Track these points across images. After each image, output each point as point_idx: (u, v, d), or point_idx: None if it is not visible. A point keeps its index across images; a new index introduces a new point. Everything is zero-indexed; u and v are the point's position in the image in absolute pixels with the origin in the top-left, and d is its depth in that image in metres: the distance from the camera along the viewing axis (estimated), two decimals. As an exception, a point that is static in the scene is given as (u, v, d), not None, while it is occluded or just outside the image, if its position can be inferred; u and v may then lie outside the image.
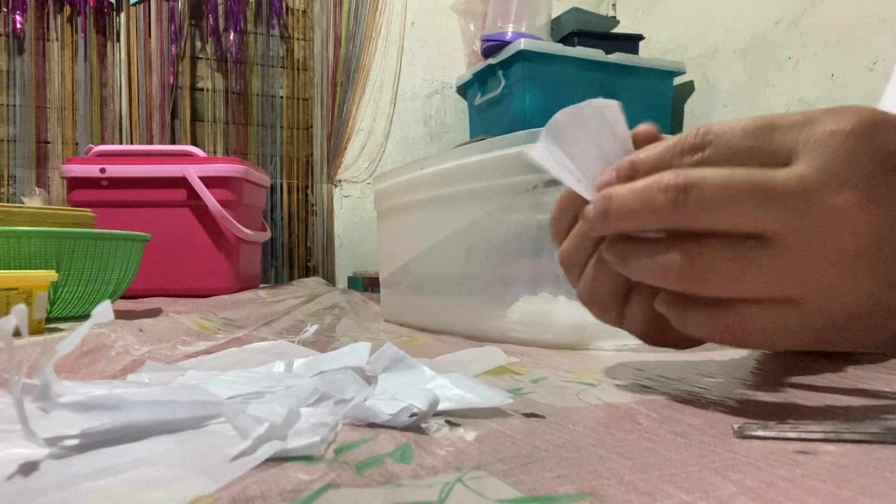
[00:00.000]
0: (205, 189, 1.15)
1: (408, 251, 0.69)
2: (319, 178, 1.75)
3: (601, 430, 0.25)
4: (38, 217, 0.81)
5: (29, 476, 0.19)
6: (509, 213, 0.55)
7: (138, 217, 1.16)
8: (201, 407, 0.25)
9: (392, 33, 1.82)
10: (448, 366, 0.36)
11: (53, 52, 1.54)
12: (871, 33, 1.18)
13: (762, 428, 0.23)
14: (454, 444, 0.23)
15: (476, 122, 1.78)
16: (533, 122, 1.49)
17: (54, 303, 0.70)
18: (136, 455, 0.21)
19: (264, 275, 1.59)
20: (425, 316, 0.66)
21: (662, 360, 0.43)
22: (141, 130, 1.59)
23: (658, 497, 0.18)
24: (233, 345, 0.48)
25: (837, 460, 0.21)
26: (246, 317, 0.73)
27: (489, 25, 1.62)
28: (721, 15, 1.55)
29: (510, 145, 0.53)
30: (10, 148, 1.50)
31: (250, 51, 1.69)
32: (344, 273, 1.76)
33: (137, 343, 0.46)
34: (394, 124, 1.83)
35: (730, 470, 0.20)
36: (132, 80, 1.59)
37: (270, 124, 1.72)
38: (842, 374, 0.37)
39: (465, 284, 0.60)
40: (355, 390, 0.29)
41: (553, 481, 0.19)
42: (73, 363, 0.39)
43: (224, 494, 0.18)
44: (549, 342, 0.51)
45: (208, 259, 1.19)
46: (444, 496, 0.18)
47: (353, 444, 0.23)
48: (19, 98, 1.51)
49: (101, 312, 0.23)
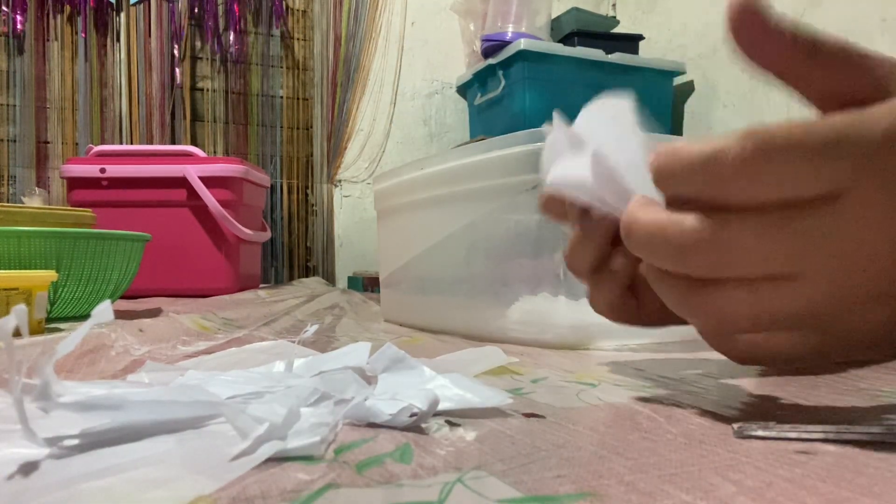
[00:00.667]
0: (205, 189, 1.15)
1: (408, 251, 0.69)
2: (319, 178, 1.75)
3: (601, 430, 0.25)
4: (38, 217, 0.81)
5: (29, 476, 0.19)
6: (509, 213, 0.55)
7: (138, 217, 1.16)
8: (201, 407, 0.25)
9: (392, 33, 1.82)
10: (448, 366, 0.36)
11: (53, 52, 1.54)
12: (872, 33, 1.18)
13: (762, 428, 0.23)
14: (454, 444, 0.23)
15: (476, 122, 1.78)
16: (533, 121, 1.49)
17: (54, 303, 0.70)
18: (136, 455, 0.21)
19: (264, 275, 1.59)
20: (425, 316, 0.66)
21: (662, 360, 0.43)
22: (141, 130, 1.59)
23: (658, 497, 0.18)
24: (233, 345, 0.48)
25: (837, 460, 0.21)
26: (246, 317, 0.73)
27: (489, 25, 1.62)
28: (721, 15, 1.54)
29: (510, 145, 0.53)
30: (10, 148, 1.50)
31: (250, 51, 1.69)
32: (344, 273, 1.76)
33: (137, 343, 0.46)
34: (394, 124, 1.83)
35: (730, 470, 0.20)
36: (132, 80, 1.59)
37: (270, 124, 1.72)
38: (842, 374, 0.37)
39: (465, 284, 0.60)
40: (355, 390, 0.29)
41: (553, 481, 0.19)
42: (73, 363, 0.39)
43: (224, 494, 0.18)
44: (549, 342, 0.51)
45: (208, 259, 1.19)
46: (444, 496, 0.18)
47: (353, 444, 0.23)
48: (19, 98, 1.51)
49: (100, 312, 0.23)
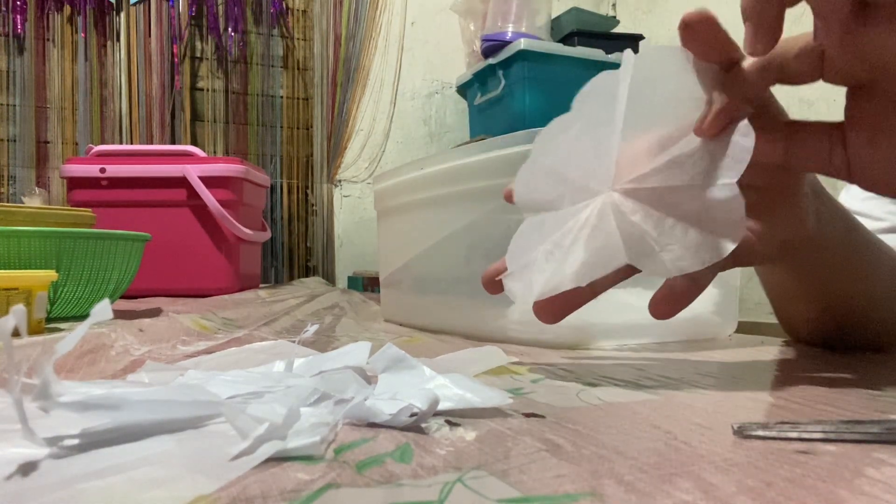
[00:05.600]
0: (205, 189, 1.15)
1: (408, 251, 0.69)
2: (319, 178, 1.75)
3: (601, 430, 0.25)
4: (38, 217, 0.81)
5: (29, 476, 0.19)
6: (509, 213, 0.55)
7: (138, 217, 1.16)
8: (201, 407, 0.25)
9: (392, 33, 1.82)
10: (448, 366, 0.36)
11: (53, 52, 1.54)
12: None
13: (762, 428, 0.23)
14: (454, 443, 0.23)
15: (476, 122, 1.78)
16: (533, 121, 1.49)
17: (54, 303, 0.70)
18: (136, 455, 0.21)
19: (264, 275, 1.59)
20: (425, 316, 0.66)
21: (662, 360, 0.43)
22: (141, 130, 1.59)
23: (658, 497, 0.18)
24: (233, 345, 0.48)
25: (837, 460, 0.21)
26: (246, 317, 0.73)
27: (489, 25, 1.62)
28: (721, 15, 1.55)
29: (510, 145, 0.53)
30: (10, 148, 1.50)
31: (250, 51, 1.69)
32: (344, 273, 1.76)
33: (137, 343, 0.46)
34: (394, 124, 1.83)
35: (730, 470, 0.20)
36: (132, 80, 1.59)
37: (270, 124, 1.72)
38: (842, 374, 0.37)
39: (465, 284, 0.60)
40: (355, 390, 0.29)
41: (553, 481, 0.19)
42: (73, 363, 0.39)
43: (224, 494, 0.18)
44: (549, 342, 0.51)
45: (208, 259, 1.19)
46: (444, 496, 0.18)
47: (353, 444, 0.23)
48: (19, 98, 1.51)
49: (100, 311, 0.23)
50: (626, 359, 0.45)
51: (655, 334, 0.54)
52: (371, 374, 0.33)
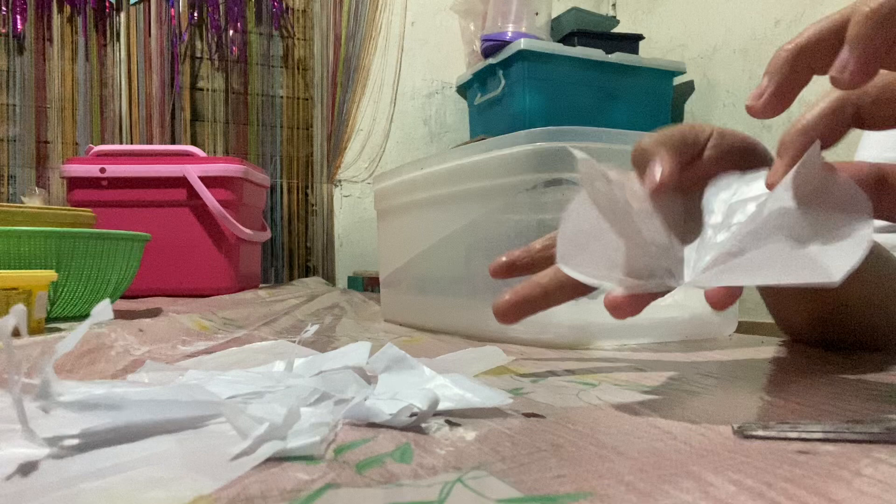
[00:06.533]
0: (205, 189, 1.15)
1: (408, 251, 0.69)
2: (319, 178, 1.75)
3: (601, 430, 0.25)
4: (38, 217, 0.81)
5: (29, 476, 0.19)
6: (509, 213, 0.55)
7: (138, 217, 1.16)
8: (201, 407, 0.25)
9: (392, 33, 1.82)
10: (448, 366, 0.36)
11: (53, 53, 1.54)
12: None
13: (762, 428, 0.23)
14: (454, 443, 0.23)
15: (476, 122, 1.78)
16: (533, 121, 1.49)
17: (54, 303, 0.70)
18: (136, 455, 0.21)
19: (264, 275, 1.59)
20: (425, 316, 0.66)
21: (662, 360, 0.43)
22: (141, 130, 1.59)
23: (658, 497, 0.18)
24: (233, 345, 0.48)
25: (837, 460, 0.21)
26: (246, 317, 0.73)
27: (489, 25, 1.62)
28: (721, 15, 1.55)
29: (510, 145, 0.53)
30: (10, 148, 1.50)
31: (250, 51, 1.69)
32: (344, 273, 1.76)
33: (137, 343, 0.46)
34: (394, 124, 1.83)
35: (730, 470, 0.20)
36: (132, 80, 1.59)
37: (270, 124, 1.72)
38: (842, 374, 0.37)
39: (465, 284, 0.60)
40: (355, 390, 0.29)
41: (553, 481, 0.19)
42: (73, 363, 0.39)
43: (224, 494, 0.18)
44: (549, 342, 0.51)
45: (208, 259, 1.19)
46: (444, 496, 0.18)
47: (353, 444, 0.23)
48: (19, 98, 1.51)
49: (100, 311, 0.23)
50: (626, 359, 0.45)
51: (655, 334, 0.54)
52: (371, 374, 0.33)
